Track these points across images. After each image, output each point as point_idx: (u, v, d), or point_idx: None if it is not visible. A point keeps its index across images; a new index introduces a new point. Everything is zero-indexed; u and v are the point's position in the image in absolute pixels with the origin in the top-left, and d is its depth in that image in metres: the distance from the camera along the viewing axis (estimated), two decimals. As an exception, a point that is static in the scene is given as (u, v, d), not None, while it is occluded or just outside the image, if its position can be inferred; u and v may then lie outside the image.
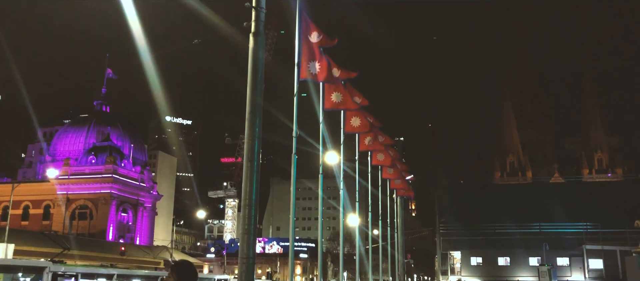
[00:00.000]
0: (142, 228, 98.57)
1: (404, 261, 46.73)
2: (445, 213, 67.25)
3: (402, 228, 43.41)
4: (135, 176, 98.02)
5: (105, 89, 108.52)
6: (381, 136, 26.45)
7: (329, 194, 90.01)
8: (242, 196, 10.10)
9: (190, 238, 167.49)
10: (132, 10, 68.40)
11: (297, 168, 14.68)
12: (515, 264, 61.94)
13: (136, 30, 74.12)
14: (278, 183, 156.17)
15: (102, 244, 73.81)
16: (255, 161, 10.08)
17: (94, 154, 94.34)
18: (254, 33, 10.57)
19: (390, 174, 31.08)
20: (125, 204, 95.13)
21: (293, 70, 15.53)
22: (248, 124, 10.19)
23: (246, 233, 9.93)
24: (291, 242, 15.20)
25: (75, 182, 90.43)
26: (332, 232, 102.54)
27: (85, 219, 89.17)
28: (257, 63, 10.45)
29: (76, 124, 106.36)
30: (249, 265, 9.84)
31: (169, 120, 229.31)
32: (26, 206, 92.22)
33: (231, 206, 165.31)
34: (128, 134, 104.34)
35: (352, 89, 21.45)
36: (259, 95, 10.35)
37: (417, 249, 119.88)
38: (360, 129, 21.85)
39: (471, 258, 64.06)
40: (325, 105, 18.28)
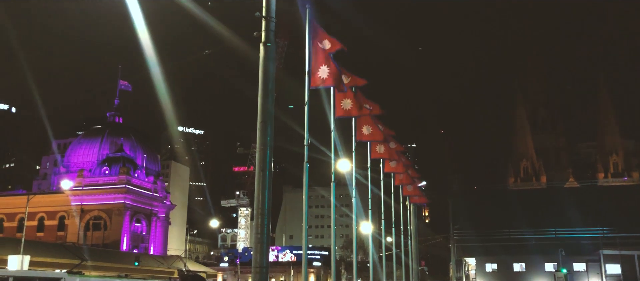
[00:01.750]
0: (156, 238, 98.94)
1: (418, 268, 46.44)
2: (459, 220, 66.75)
3: (415, 235, 43.17)
4: (149, 186, 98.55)
5: (118, 101, 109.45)
6: (393, 143, 26.38)
7: (341, 202, 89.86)
8: (255, 206, 10.12)
9: (204, 248, 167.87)
10: (142, 23, 69.17)
11: (310, 176, 14.68)
12: (530, 270, 61.28)
13: (146, 42, 74.90)
14: (290, 191, 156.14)
15: (117, 254, 74.17)
16: (268, 170, 10.09)
17: (108, 165, 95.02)
18: (264, 42, 10.62)
19: (402, 181, 30.96)
20: (138, 215, 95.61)
21: (304, 78, 15.57)
22: (260, 133, 10.22)
23: (259, 242, 9.94)
24: (304, 250, 15.17)
25: (89, 193, 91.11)
26: (345, 240, 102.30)
27: (99, 230, 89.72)
28: (267, 72, 10.49)
29: (89, 135, 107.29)
30: (262, 274, 9.85)
31: (181, 130, 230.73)
32: (41, 217, 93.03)
33: (244, 215, 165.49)
34: (141, 144, 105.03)
35: (362, 97, 21.44)
36: (270, 104, 10.38)
37: (431, 256, 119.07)
38: (371, 137, 21.82)
39: (486, 265, 63.49)
40: (336, 113, 18.28)
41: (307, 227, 15.83)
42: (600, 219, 60.90)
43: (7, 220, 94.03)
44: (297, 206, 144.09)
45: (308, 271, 22.85)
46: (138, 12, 65.99)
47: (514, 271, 62.13)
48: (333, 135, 18.14)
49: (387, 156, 25.35)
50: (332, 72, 15.81)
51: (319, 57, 15.95)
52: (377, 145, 24.02)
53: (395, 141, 27.27)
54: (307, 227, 15.83)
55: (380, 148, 24.19)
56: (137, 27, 69.33)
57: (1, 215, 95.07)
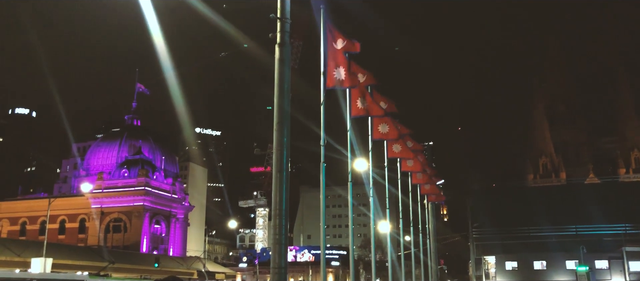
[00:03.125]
0: (175, 239, 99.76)
1: (437, 267, 46.22)
2: (478, 218, 66.18)
3: (434, 233, 42.94)
4: (167, 188, 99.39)
5: (136, 104, 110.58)
6: (410, 142, 26.26)
7: (359, 201, 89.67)
8: (273, 206, 10.14)
9: (223, 248, 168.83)
10: (157, 27, 69.97)
11: (327, 175, 14.67)
12: (551, 268, 60.55)
13: (162, 47, 75.68)
14: (307, 191, 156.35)
15: (137, 256, 74.91)
16: (285, 170, 10.10)
17: (127, 168, 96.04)
18: (279, 44, 10.63)
19: (420, 179, 30.82)
20: (158, 216, 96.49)
21: (319, 78, 15.58)
22: (276, 134, 10.24)
23: (277, 243, 9.96)
24: (322, 250, 15.18)
25: (108, 195, 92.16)
26: (363, 239, 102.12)
27: (119, 232, 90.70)
28: (283, 73, 10.50)
29: (108, 138, 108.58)
30: (281, 275, 9.86)
31: (198, 131, 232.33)
32: (62, 220, 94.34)
33: (262, 215, 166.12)
34: (159, 146, 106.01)
35: (378, 96, 21.38)
36: (286, 105, 10.39)
37: (450, 254, 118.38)
38: (388, 136, 21.74)
39: (506, 263, 62.86)
40: (352, 112, 18.25)
41: (325, 227, 15.83)
42: (622, 215, 59.97)
43: (30, 223, 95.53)
44: (315, 206, 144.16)
45: (326, 271, 22.88)
46: (153, 17, 66.76)
47: (535, 269, 61.41)
48: (349, 134, 18.12)
49: (404, 154, 25.24)
50: (347, 72, 15.79)
51: (334, 57, 15.94)
52: (394, 144, 23.94)
53: (412, 139, 27.15)
54: (325, 227, 15.83)
55: (397, 146, 24.09)
56: (152, 32, 70.14)
57: (24, 218, 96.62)
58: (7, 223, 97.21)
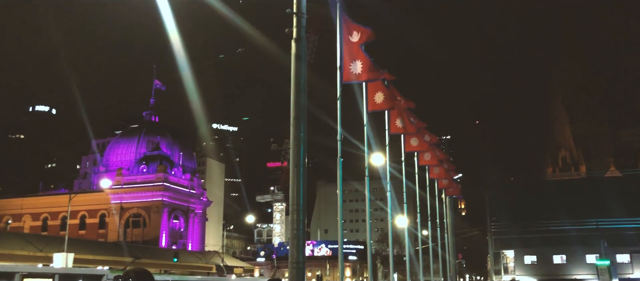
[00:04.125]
0: (194, 234, 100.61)
1: (455, 261, 45.99)
2: (497, 212, 65.68)
3: (452, 228, 42.73)
4: (185, 183, 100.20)
5: (154, 100, 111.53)
6: (427, 135, 26.12)
7: (376, 196, 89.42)
8: (290, 201, 10.17)
9: (241, 243, 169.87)
10: (173, 24, 70.43)
11: (344, 170, 14.65)
12: (571, 262, 59.94)
13: (178, 43, 76.17)
14: (324, 185, 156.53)
15: (156, 251, 75.71)
16: (302, 166, 10.12)
17: (145, 164, 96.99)
18: (295, 39, 10.63)
19: (437, 174, 30.66)
20: (176, 211, 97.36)
21: (335, 72, 15.54)
22: (293, 129, 10.25)
23: (295, 237, 9.99)
24: (340, 245, 15.19)
25: (128, 191, 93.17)
26: (380, 234, 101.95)
27: (138, 227, 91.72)
28: (299, 69, 10.50)
29: (127, 135, 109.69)
30: (299, 270, 9.90)
31: (215, 127, 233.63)
32: (83, 215, 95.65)
33: (279, 210, 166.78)
34: (177, 142, 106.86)
35: (394, 90, 21.28)
36: (302, 100, 10.39)
37: (468, 249, 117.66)
38: (404, 130, 21.64)
39: (525, 257, 62.34)
40: (369, 107, 18.19)
41: (342, 221, 15.83)
42: (644, 208, 59.14)
43: (51, 219, 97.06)
44: (331, 201, 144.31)
45: (344, 265, 22.70)
46: (169, 13, 67.18)
47: (554, 263, 60.84)
48: (366, 129, 18.07)
49: (421, 148, 25.11)
50: (364, 65, 15.72)
51: (350, 51, 15.88)
52: (411, 138, 23.83)
53: (429, 133, 26.99)
54: (342, 221, 15.83)
55: (414, 140, 23.98)
56: (168, 28, 70.62)
57: (45, 214, 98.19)
58: (30, 218, 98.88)
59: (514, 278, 61.13)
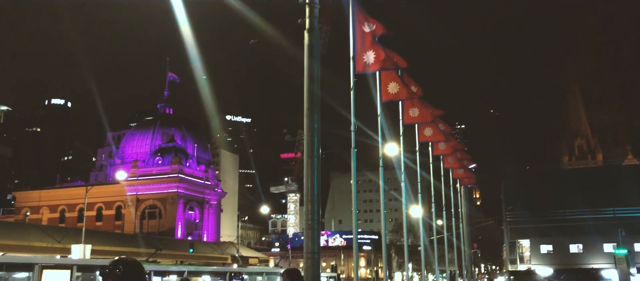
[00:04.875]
0: (209, 225, 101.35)
1: (470, 251, 45.82)
2: (512, 201, 65.21)
3: (467, 217, 42.55)
4: (200, 174, 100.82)
5: (168, 92, 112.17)
6: (442, 125, 25.94)
7: (390, 186, 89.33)
8: (304, 192, 10.17)
9: (255, 233, 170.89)
10: (185, 16, 70.76)
11: (357, 160, 14.61)
12: (588, 251, 59.40)
13: (191, 35, 76.45)
14: (338, 176, 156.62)
15: (172, 242, 76.41)
16: (316, 156, 10.10)
17: (160, 156, 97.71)
18: (308, 29, 10.58)
19: (452, 163, 30.48)
20: (191, 203, 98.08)
21: (348, 62, 15.45)
22: (307, 120, 10.23)
23: (310, 228, 10.00)
24: (354, 235, 15.18)
25: (143, 183, 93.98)
26: (394, 224, 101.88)
27: (154, 219, 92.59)
28: (312, 59, 10.46)
29: (142, 127, 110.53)
30: (314, 260, 9.92)
31: (229, 119, 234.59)
32: (99, 207, 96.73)
33: (293, 200, 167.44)
34: (191, 134, 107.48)
35: (408, 79, 21.13)
36: (316, 91, 10.35)
37: (483, 238, 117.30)
38: (419, 119, 21.50)
39: (541, 246, 61.89)
40: (383, 97, 18.09)
41: (356, 212, 15.81)
42: (662, 197, 58.33)
43: (68, 211, 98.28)
44: (345, 191, 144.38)
45: (358, 255, 22.63)
46: (181, 6, 67.49)
47: (571, 253, 60.33)
48: (380, 119, 17.98)
49: (436, 137, 24.94)
50: (377, 55, 15.62)
51: (364, 41, 15.78)
52: (425, 127, 23.67)
53: (443, 122, 26.80)
54: (356, 212, 15.81)
55: (429, 130, 23.81)
56: (180, 21, 70.94)
57: (62, 206, 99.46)
58: (47, 210, 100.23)
59: (530, 267, 60.81)
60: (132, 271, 3.82)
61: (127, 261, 3.90)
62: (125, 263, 3.87)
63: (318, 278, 9.95)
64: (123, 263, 3.86)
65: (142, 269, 3.86)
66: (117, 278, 3.76)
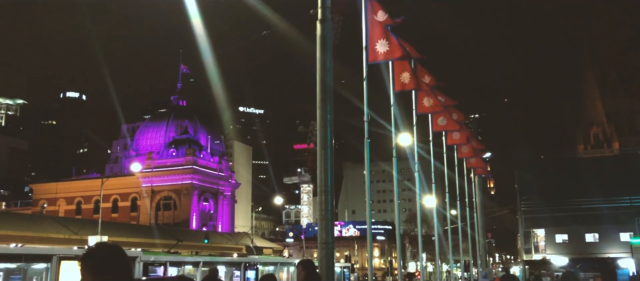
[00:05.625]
0: (223, 216, 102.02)
1: (484, 241, 45.65)
2: (527, 190, 64.79)
3: (481, 207, 42.37)
4: (214, 166, 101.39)
5: (181, 84, 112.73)
6: (455, 114, 25.78)
7: (403, 176, 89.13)
8: (318, 183, 10.18)
9: (269, 224, 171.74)
10: (195, 8, 70.95)
11: (371, 150, 14.58)
12: (604, 240, 58.92)
13: (203, 27, 76.68)
14: (351, 166, 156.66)
15: (188, 233, 77.05)
16: (329, 147, 10.10)
17: (174, 147, 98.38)
18: (321, 20, 10.54)
19: (466, 153, 30.30)
20: (206, 194, 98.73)
21: (361, 52, 15.41)
22: (319, 112, 10.22)
23: (324, 219, 10.01)
24: (368, 226, 15.20)
25: (158, 174, 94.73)
26: (408, 214, 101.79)
27: (169, 210, 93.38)
28: (325, 51, 10.43)
29: (156, 119, 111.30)
30: (328, 250, 9.94)
31: (242, 110, 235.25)
32: (115, 199, 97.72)
33: (306, 191, 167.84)
34: (204, 126, 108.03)
35: (421, 69, 21.01)
36: (328, 82, 10.33)
37: (497, 228, 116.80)
38: (432, 109, 21.38)
39: (556, 236, 61.50)
40: (396, 87, 17.99)
41: (370, 202, 15.82)
42: (680, 185, 57.67)
43: (85, 202, 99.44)
44: (359, 181, 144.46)
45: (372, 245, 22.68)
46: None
47: (586, 242, 59.89)
48: (393, 110, 17.92)
49: (450, 127, 24.79)
50: (390, 45, 15.53)
51: (376, 31, 15.70)
52: (439, 117, 23.53)
53: (457, 111, 26.64)
54: (370, 202, 15.82)
55: (442, 120, 23.67)
56: (192, 12, 71.14)
57: (79, 198, 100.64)
58: (64, 202, 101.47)
59: (545, 257, 60.51)
60: (112, 256, 3.43)
61: (107, 246, 3.52)
62: (106, 248, 3.49)
63: (332, 269, 9.99)
64: (103, 247, 3.50)
65: (123, 253, 3.51)
66: (97, 264, 3.37)
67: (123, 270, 3.41)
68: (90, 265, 3.37)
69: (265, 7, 53.29)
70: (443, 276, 77.73)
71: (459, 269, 62.83)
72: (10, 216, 62.96)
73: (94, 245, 3.54)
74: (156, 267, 21.09)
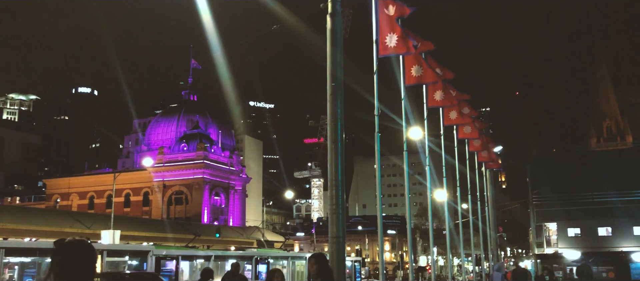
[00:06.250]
0: (234, 210, 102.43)
1: (495, 235, 45.46)
2: (538, 184, 64.36)
3: (492, 201, 42.18)
4: (225, 160, 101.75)
5: (191, 79, 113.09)
6: (467, 108, 25.65)
7: (414, 170, 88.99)
8: (328, 177, 10.17)
9: (280, 218, 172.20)
10: (205, 5, 71.03)
11: (381, 144, 14.54)
12: (617, 234, 58.42)
13: (213, 23, 76.79)
14: (361, 160, 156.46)
15: (199, 227, 77.49)
16: (339, 141, 10.10)
17: (185, 142, 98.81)
18: (331, 14, 10.51)
19: (477, 146, 30.17)
20: (217, 188, 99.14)
21: (371, 46, 15.34)
22: (330, 106, 10.21)
23: (334, 213, 10.02)
24: (379, 220, 15.19)
25: (169, 169, 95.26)
26: (419, 208, 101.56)
27: (181, 204, 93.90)
28: (335, 44, 10.40)
29: (167, 114, 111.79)
30: (339, 244, 9.95)
31: (252, 105, 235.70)
32: (127, 193, 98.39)
33: (316, 185, 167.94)
34: (215, 121, 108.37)
35: (433, 62, 20.89)
36: (338, 76, 10.32)
37: (509, 222, 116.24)
38: (443, 103, 21.28)
39: (568, 229, 61.06)
40: (406, 81, 17.93)
41: (381, 196, 15.80)
42: (694, 178, 57.01)
43: (97, 197, 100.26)
44: (369, 175, 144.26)
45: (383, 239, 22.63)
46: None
47: (599, 236, 59.41)
48: (404, 103, 17.85)
49: (461, 121, 24.68)
50: (400, 38, 15.46)
51: (387, 24, 15.63)
52: (450, 111, 23.42)
53: (468, 105, 26.49)
54: (381, 196, 15.80)
55: (453, 113, 23.55)
56: (201, 8, 71.22)
57: (91, 192, 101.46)
58: (77, 197, 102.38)
59: (557, 251, 60.14)
60: (80, 252, 3.50)
61: (74, 242, 3.56)
62: (73, 244, 3.53)
63: (343, 262, 10.00)
64: (71, 243, 3.53)
65: (91, 248, 3.58)
66: (65, 259, 3.43)
67: (88, 266, 3.51)
68: (59, 260, 3.45)
69: (274, 1, 53.15)
70: (454, 270, 77.52)
71: (470, 263, 62.69)
72: (25, 210, 63.67)
73: (65, 241, 3.58)
74: (167, 261, 21.23)
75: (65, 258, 3.46)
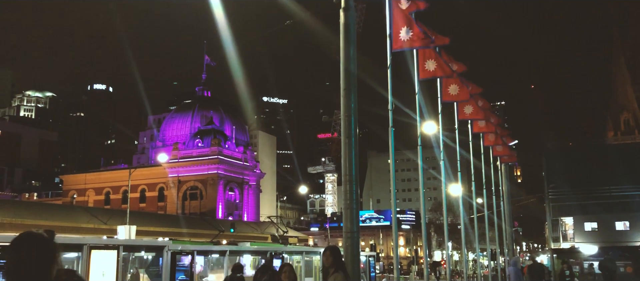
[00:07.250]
0: (249, 205, 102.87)
1: (511, 229, 45.14)
2: (554, 178, 63.71)
3: (507, 196, 41.87)
4: (239, 156, 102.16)
5: (205, 75, 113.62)
6: (481, 102, 25.45)
7: (428, 164, 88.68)
8: (343, 173, 10.16)
9: (294, 213, 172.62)
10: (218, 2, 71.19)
11: (395, 139, 14.48)
12: (635, 228, 57.67)
13: (226, 19, 77.00)
14: (375, 155, 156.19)
15: (214, 222, 77.91)
16: (353, 136, 10.07)
17: (200, 138, 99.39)
18: (344, 8, 10.47)
19: (492, 141, 29.94)
20: (231, 184, 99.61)
21: (385, 40, 15.28)
22: (343, 101, 10.18)
23: (348, 208, 10.01)
24: (393, 215, 15.15)
25: (184, 165, 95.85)
26: (433, 202, 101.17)
27: (196, 200, 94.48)
28: (348, 39, 10.36)
29: (181, 110, 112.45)
30: (353, 239, 9.95)
31: (265, 100, 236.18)
32: (143, 189, 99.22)
33: (330, 180, 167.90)
34: (229, 116, 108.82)
35: (447, 56, 20.75)
36: (352, 71, 10.28)
37: (524, 216, 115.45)
38: (458, 97, 21.12)
39: (585, 224, 60.40)
40: (420, 75, 17.83)
41: (395, 191, 15.75)
42: None
43: (113, 193, 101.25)
44: (383, 170, 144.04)
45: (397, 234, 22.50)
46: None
47: (616, 230, 58.70)
48: (418, 98, 17.76)
49: (476, 115, 24.48)
50: (414, 32, 15.37)
51: (399, 18, 15.54)
52: (465, 105, 23.24)
53: (483, 99, 26.29)
54: (395, 191, 15.75)
55: (468, 108, 23.38)
56: (213, 3, 71.43)
57: (107, 188, 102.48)
58: (93, 193, 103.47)
59: (573, 245, 59.58)
60: (37, 245, 3.31)
61: (32, 235, 3.40)
62: (30, 237, 3.37)
63: (358, 257, 9.99)
64: (28, 237, 3.37)
65: (50, 242, 3.40)
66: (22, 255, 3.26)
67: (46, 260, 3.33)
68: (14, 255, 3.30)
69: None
70: (469, 265, 77.17)
71: (486, 258, 62.36)
72: (42, 206, 64.50)
73: (22, 235, 3.43)
74: (184, 256, 21.39)
75: (20, 254, 3.27)
